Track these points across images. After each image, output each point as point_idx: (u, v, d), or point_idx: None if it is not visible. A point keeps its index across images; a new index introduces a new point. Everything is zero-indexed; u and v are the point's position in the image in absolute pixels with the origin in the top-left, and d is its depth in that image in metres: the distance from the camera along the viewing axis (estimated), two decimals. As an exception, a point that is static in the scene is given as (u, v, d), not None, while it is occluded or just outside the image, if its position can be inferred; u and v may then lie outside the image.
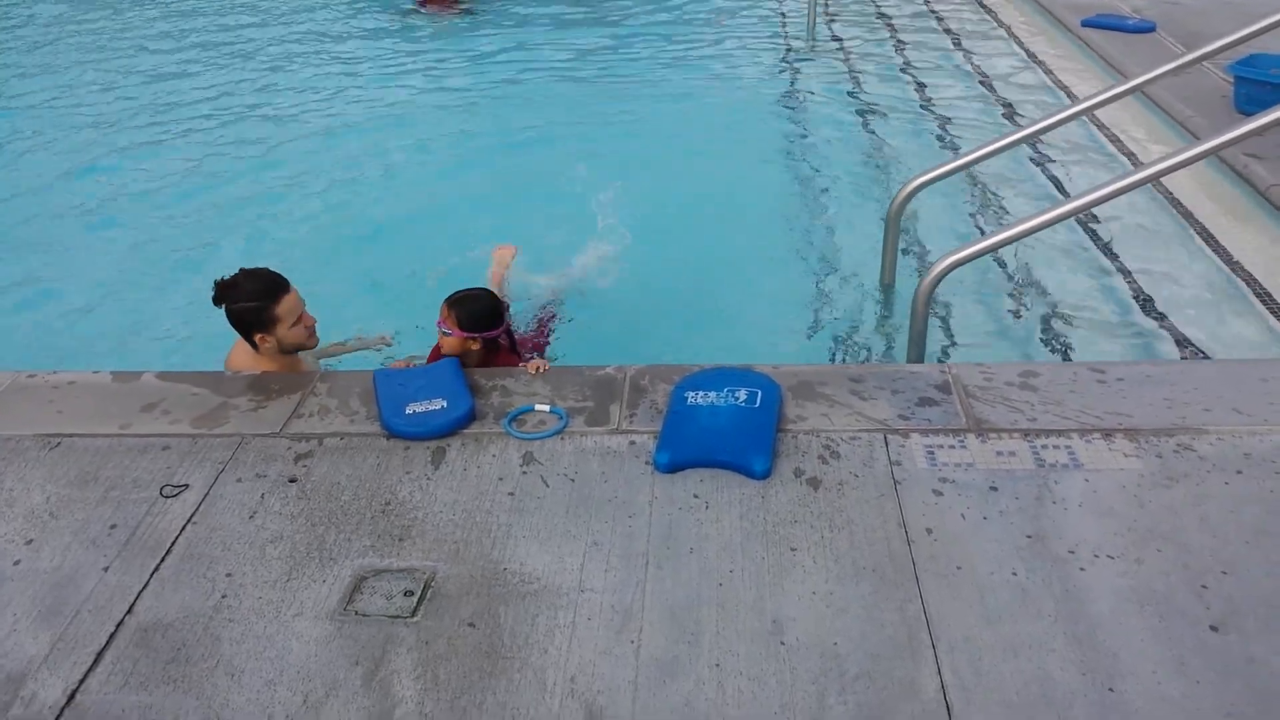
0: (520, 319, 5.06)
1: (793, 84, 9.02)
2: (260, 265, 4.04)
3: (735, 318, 5.36)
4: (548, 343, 4.98)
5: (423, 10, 12.00)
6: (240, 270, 3.96)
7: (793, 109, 8.43)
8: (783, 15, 11.34)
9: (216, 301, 3.91)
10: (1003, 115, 7.94)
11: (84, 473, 3.38)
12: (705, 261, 5.94)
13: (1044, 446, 3.30)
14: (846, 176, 7.02)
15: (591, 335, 5.19)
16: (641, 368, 3.83)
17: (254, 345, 3.99)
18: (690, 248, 6.11)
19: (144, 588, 2.90)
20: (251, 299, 3.90)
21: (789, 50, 9.99)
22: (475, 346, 4.01)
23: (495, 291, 4.51)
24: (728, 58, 9.94)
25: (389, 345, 4.94)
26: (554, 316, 5.26)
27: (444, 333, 3.99)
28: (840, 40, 10.20)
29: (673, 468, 3.25)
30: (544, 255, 5.41)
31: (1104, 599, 2.71)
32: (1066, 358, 4.82)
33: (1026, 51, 9.27)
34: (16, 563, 3.02)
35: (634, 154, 7.63)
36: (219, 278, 3.92)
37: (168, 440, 3.53)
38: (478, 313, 4.02)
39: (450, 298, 4.05)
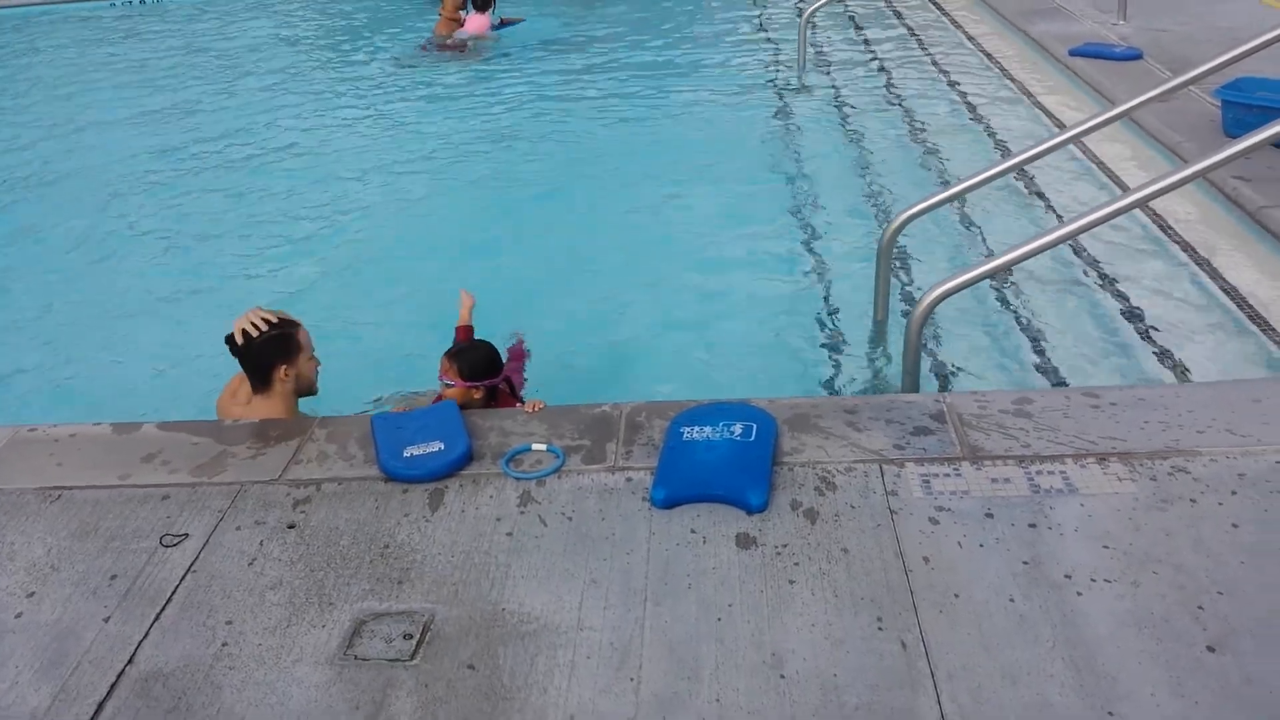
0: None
1: (782, 118, 9.08)
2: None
3: (730, 352, 5.37)
4: (523, 371, 4.97)
5: (427, 52, 12.01)
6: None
7: (783, 143, 8.48)
8: (774, 46, 11.44)
9: (240, 348, 3.91)
10: (992, 145, 8.00)
11: (84, 524, 3.40)
12: (698, 297, 5.97)
13: (1039, 472, 3.31)
14: (838, 209, 7.06)
15: (586, 373, 5.21)
16: (637, 404, 3.85)
17: (270, 385, 3.98)
18: (683, 283, 6.14)
19: (144, 637, 2.91)
20: (274, 329, 3.93)
21: (779, 85, 10.07)
22: (478, 395, 4.06)
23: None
24: (718, 93, 9.98)
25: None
26: (522, 342, 5.28)
27: (446, 384, 4.04)
28: (830, 74, 10.28)
29: (670, 503, 3.26)
30: (530, 292, 5.39)
31: (1101, 623, 2.71)
32: (1060, 384, 4.84)
33: (1014, 82, 9.35)
34: (18, 615, 3.03)
35: (625, 191, 7.67)
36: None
37: (167, 490, 3.55)
38: (478, 362, 4.09)
39: (450, 351, 4.13)
